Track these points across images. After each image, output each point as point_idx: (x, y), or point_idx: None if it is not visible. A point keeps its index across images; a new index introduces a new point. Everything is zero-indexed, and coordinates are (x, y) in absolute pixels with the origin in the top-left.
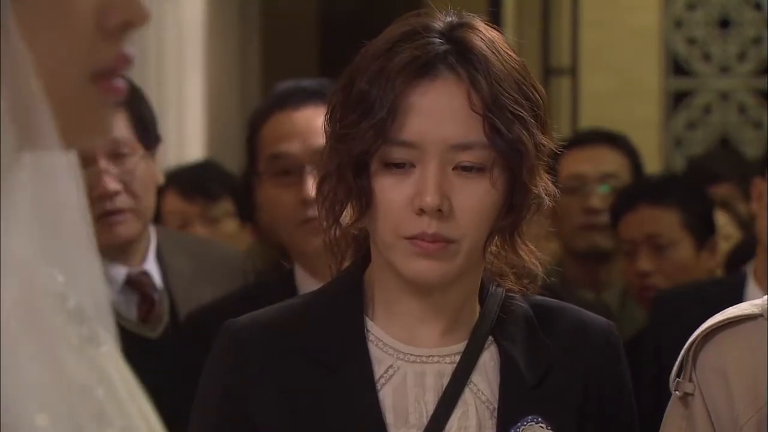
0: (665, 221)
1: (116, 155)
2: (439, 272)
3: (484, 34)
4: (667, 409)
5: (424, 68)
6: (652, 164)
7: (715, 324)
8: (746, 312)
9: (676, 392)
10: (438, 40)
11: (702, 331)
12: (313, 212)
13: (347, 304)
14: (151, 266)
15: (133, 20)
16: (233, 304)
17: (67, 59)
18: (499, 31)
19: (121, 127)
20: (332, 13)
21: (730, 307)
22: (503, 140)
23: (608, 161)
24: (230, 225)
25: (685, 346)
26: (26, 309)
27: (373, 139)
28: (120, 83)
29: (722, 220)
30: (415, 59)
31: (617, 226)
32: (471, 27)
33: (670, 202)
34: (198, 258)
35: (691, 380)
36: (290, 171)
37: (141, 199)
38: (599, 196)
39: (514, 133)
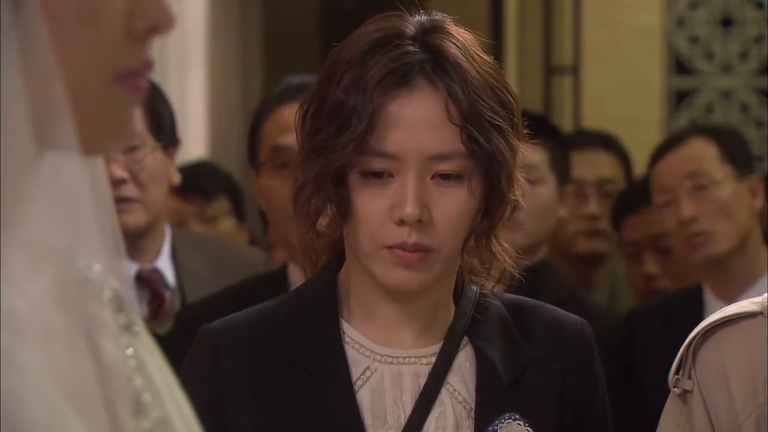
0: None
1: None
2: (418, 281)
3: (457, 39)
4: (666, 406)
5: (401, 80)
6: None
7: (714, 321)
8: (746, 309)
9: (675, 389)
10: (412, 48)
11: (701, 329)
12: None
13: (323, 306)
14: (164, 264)
15: (160, 25)
16: (226, 299)
17: (93, 63)
18: (470, 33)
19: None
20: (334, 11)
21: (730, 305)
22: (481, 150)
23: (604, 165)
24: (227, 224)
25: (685, 344)
26: (61, 295)
27: (353, 152)
28: (142, 82)
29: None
30: (392, 71)
31: (619, 229)
32: (443, 31)
33: None
34: (218, 260)
35: (690, 377)
36: (290, 163)
37: (148, 190)
38: (597, 202)
39: (492, 143)
